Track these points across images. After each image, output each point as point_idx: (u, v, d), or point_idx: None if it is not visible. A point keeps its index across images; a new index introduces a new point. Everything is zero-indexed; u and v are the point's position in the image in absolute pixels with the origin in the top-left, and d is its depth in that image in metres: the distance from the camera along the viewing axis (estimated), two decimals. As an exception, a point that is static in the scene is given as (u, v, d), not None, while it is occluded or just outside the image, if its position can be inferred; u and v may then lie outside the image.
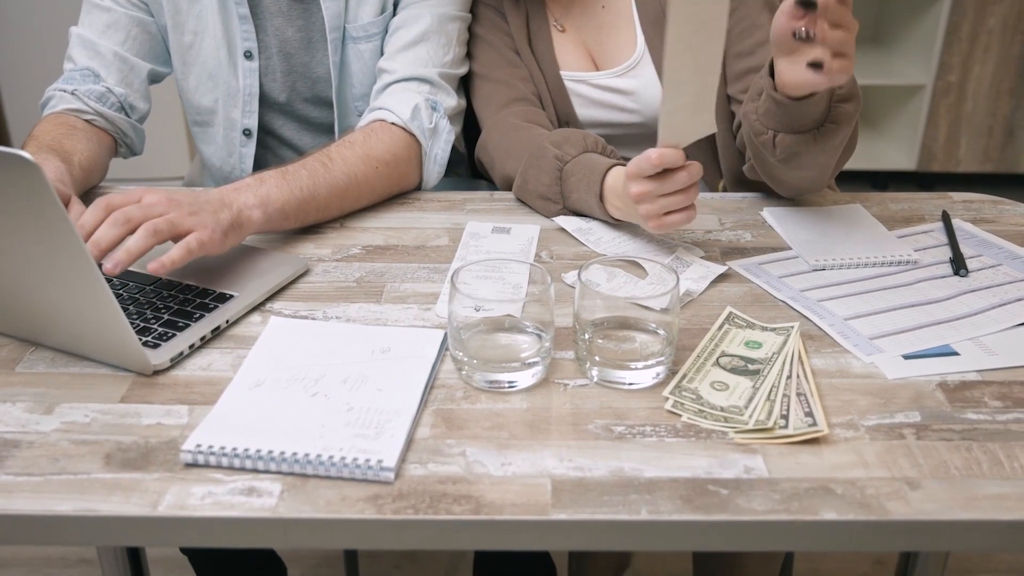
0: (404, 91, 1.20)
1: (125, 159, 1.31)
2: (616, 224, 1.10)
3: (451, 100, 1.23)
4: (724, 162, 1.26)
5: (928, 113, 3.02)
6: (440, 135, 1.21)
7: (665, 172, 0.94)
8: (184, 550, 1.40)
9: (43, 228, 0.74)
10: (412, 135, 1.18)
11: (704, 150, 1.25)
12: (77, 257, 0.75)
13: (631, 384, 0.82)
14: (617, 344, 0.84)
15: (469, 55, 1.28)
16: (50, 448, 0.75)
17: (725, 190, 1.28)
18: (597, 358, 0.82)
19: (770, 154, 1.04)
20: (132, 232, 0.89)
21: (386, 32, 1.26)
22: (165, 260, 0.89)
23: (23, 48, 2.77)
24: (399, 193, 1.20)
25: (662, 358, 0.82)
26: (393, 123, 1.17)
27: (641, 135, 1.29)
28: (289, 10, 1.24)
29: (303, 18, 1.25)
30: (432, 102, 1.20)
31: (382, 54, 1.26)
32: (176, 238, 0.92)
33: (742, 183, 1.22)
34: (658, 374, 0.82)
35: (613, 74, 1.26)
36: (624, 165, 1.04)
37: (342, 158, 1.12)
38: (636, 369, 0.81)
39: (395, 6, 1.25)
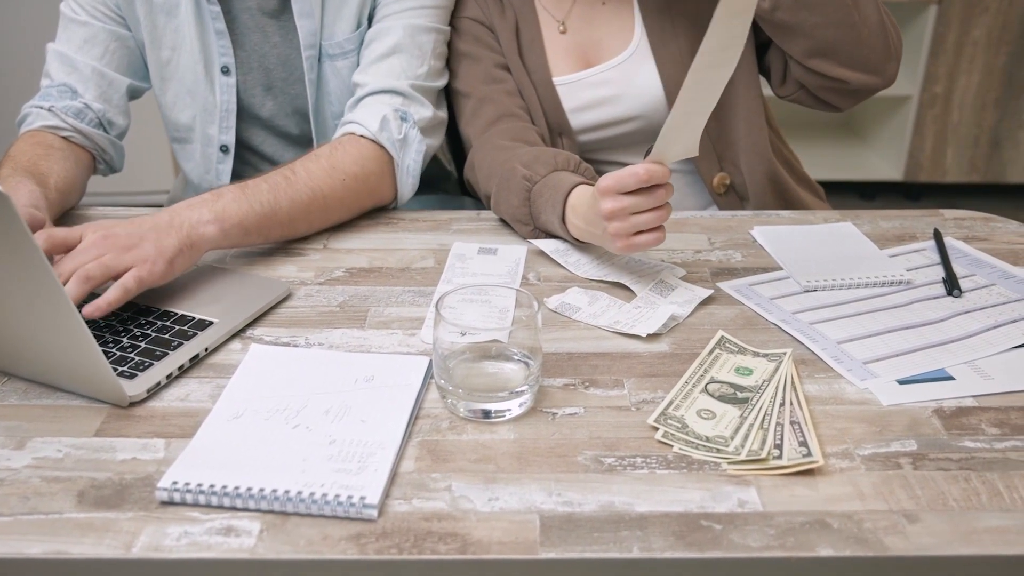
0: (375, 103, 1.17)
1: (105, 176, 1.28)
2: (592, 245, 1.06)
3: (425, 111, 1.20)
4: (748, 140, 1.25)
5: (914, 124, 3.02)
6: (410, 146, 1.17)
7: (643, 188, 0.92)
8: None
9: (13, 258, 0.71)
10: (382, 147, 1.15)
11: (702, 140, 1.23)
12: (48, 287, 0.72)
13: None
14: None
15: (453, 73, 1.26)
16: (20, 486, 0.72)
17: (726, 185, 1.26)
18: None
19: (766, 14, 1.11)
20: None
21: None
22: (100, 303, 0.87)
23: None
24: (373, 208, 1.18)
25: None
26: (362, 135, 1.15)
27: (634, 132, 1.27)
28: (265, 26, 1.22)
29: (279, 35, 1.23)
30: (402, 112, 1.17)
31: None
32: (116, 277, 0.89)
33: (766, 161, 1.26)
34: None
35: (606, 67, 1.24)
36: (591, 184, 1.02)
37: (306, 171, 1.09)
38: None
39: (370, 20, 1.23)
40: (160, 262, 0.92)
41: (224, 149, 1.28)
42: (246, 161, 1.34)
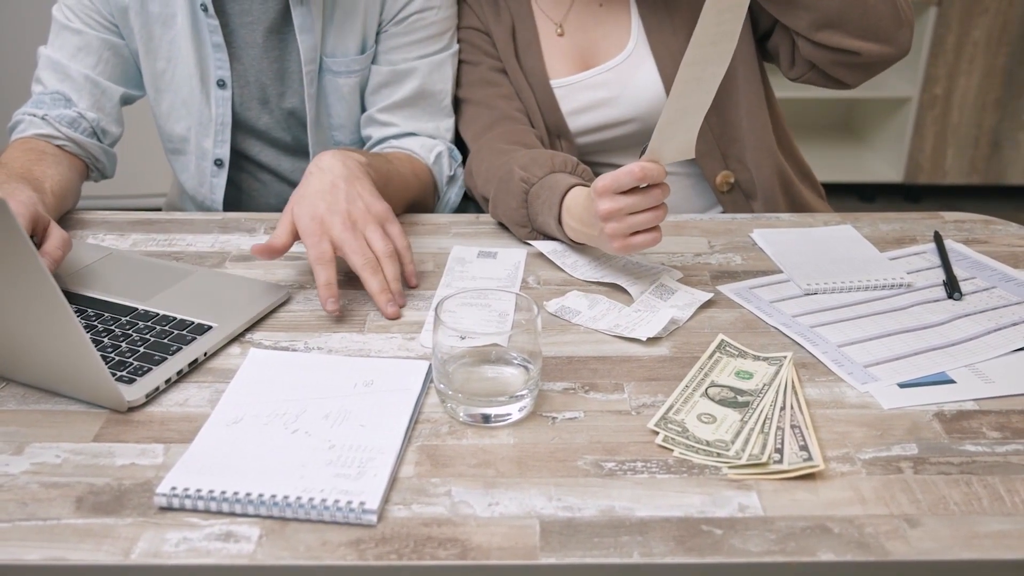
0: (424, 140, 1.24)
1: (96, 183, 1.28)
2: (589, 246, 1.06)
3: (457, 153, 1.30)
4: (752, 136, 1.25)
5: (914, 125, 3.02)
6: (456, 183, 1.28)
7: (639, 188, 0.92)
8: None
9: (11, 264, 0.71)
10: (433, 177, 1.23)
11: (705, 137, 1.22)
12: (46, 292, 0.72)
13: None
14: None
15: None
16: (19, 492, 0.72)
17: (730, 183, 1.26)
18: None
19: None
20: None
21: (368, 71, 1.26)
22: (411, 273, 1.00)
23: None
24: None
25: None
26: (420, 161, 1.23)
27: (633, 134, 1.27)
28: (265, 41, 1.22)
29: (279, 49, 1.23)
30: (452, 151, 1.26)
31: (362, 91, 1.27)
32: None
33: (769, 153, 1.26)
34: None
35: (604, 69, 1.24)
36: (587, 186, 1.02)
37: (398, 161, 1.17)
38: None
39: (376, 42, 1.24)
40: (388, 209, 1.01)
41: (218, 163, 1.28)
42: (242, 169, 1.34)
